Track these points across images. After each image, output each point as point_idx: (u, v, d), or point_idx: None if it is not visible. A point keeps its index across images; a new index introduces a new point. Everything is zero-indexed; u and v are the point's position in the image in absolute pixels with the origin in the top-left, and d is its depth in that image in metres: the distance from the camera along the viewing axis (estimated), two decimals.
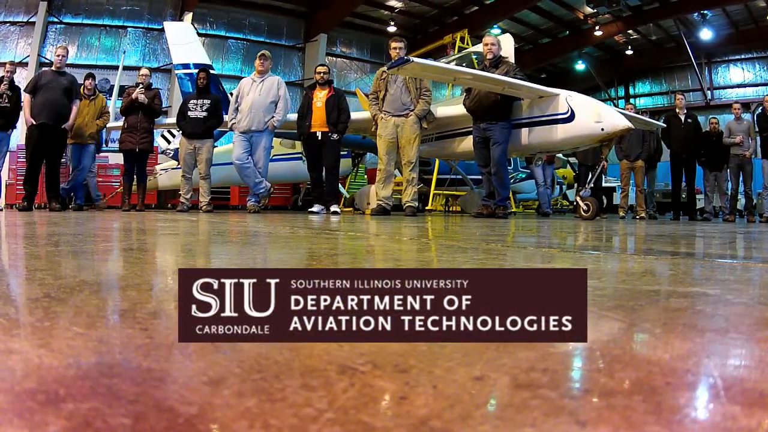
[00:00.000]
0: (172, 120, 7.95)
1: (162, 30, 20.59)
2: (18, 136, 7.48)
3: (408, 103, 6.72)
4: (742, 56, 26.28)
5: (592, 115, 5.78)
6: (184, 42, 9.79)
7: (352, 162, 13.12)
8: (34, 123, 6.92)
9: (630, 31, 24.64)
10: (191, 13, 19.52)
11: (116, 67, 20.25)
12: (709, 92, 26.46)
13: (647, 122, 8.73)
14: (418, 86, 6.77)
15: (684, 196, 9.64)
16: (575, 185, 21.70)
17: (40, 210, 8.40)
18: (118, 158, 10.55)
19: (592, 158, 8.98)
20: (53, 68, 7.31)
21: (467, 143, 6.80)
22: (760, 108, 8.88)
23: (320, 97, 7.06)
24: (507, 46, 6.87)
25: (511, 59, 6.80)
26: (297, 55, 22.12)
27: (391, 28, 22.92)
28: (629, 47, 26.49)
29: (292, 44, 22.00)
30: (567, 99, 5.92)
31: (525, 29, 24.50)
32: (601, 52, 27.34)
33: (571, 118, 5.86)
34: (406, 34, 24.05)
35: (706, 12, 22.84)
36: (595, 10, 21.98)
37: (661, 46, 26.01)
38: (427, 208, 12.73)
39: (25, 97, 7.07)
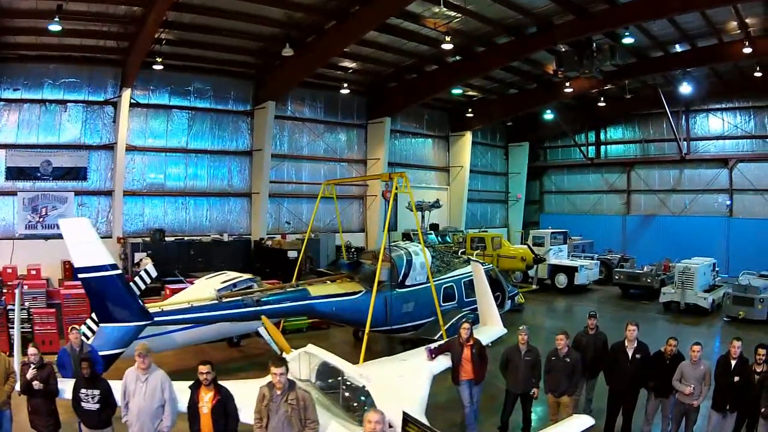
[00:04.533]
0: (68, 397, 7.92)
1: (104, 103, 19.96)
2: None
3: None
4: (723, 105, 24.82)
5: None
6: (82, 241, 9.40)
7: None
8: None
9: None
10: (129, 89, 18.85)
11: (57, 146, 19.79)
12: (684, 143, 25.17)
13: None
14: (302, 417, 6.40)
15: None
16: (535, 267, 20.61)
17: None
18: None
19: (523, 386, 8.45)
20: None
21: None
22: (720, 355, 8.28)
23: (206, 401, 6.83)
24: None
25: None
26: (245, 120, 21.41)
27: (345, 90, 22.02)
28: (602, 98, 25.13)
29: (241, 109, 21.25)
30: None
31: (489, 83, 23.35)
32: (571, 99, 25.98)
33: None
34: (361, 90, 23.17)
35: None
36: (564, 75, 20.69)
37: (636, 93, 24.61)
38: None
39: None
